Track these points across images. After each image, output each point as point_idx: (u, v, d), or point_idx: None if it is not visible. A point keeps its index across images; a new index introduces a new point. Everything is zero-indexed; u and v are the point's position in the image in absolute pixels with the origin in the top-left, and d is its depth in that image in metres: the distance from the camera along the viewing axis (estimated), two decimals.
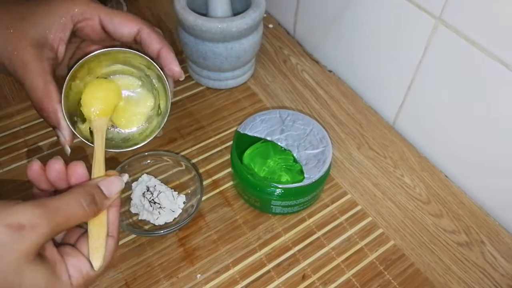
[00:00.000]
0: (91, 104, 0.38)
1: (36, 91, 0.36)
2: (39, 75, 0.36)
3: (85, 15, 0.37)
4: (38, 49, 0.36)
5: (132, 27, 0.38)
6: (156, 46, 0.38)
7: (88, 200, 0.31)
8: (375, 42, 0.59)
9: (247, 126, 0.51)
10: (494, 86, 0.46)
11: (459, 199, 0.53)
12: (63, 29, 0.37)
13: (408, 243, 0.49)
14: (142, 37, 0.38)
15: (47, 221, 0.28)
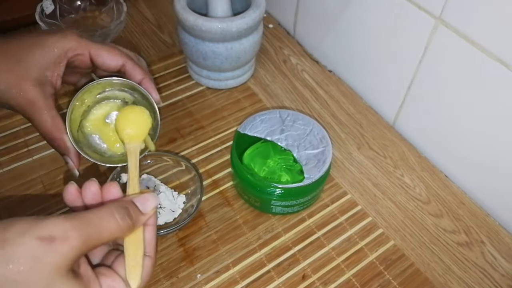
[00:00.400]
0: (125, 128, 0.42)
1: (45, 126, 0.40)
2: (47, 111, 0.40)
3: (77, 51, 0.41)
4: (41, 87, 0.40)
5: (118, 61, 0.43)
6: (139, 77, 0.44)
7: (121, 213, 0.30)
8: (375, 42, 0.59)
9: (247, 126, 0.51)
10: (494, 86, 0.46)
11: (459, 199, 0.53)
12: (59, 65, 0.41)
13: (408, 243, 0.49)
14: (127, 69, 0.43)
15: (78, 233, 0.27)
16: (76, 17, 0.67)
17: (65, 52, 0.41)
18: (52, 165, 0.54)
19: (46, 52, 0.40)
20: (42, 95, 0.39)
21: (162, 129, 0.59)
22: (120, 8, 0.65)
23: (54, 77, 0.41)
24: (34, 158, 0.55)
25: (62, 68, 0.41)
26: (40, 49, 0.40)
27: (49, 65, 0.40)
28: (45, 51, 0.40)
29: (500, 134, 0.48)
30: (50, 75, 0.40)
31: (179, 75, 0.66)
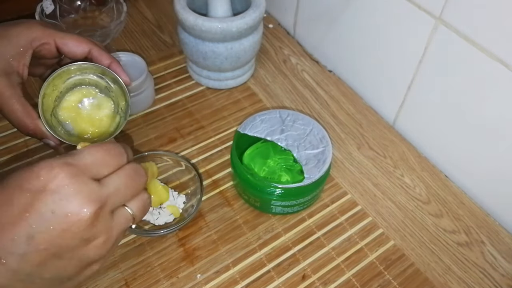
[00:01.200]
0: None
1: (16, 114, 0.41)
2: (16, 100, 0.41)
3: (42, 40, 0.42)
4: (8, 77, 0.40)
5: (84, 48, 0.44)
6: (106, 62, 0.45)
7: None
8: (375, 42, 0.59)
9: (247, 126, 0.51)
10: (494, 86, 0.46)
11: (459, 199, 0.53)
12: (24, 55, 0.42)
13: (408, 243, 0.49)
14: (93, 55, 0.44)
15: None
16: (76, 17, 0.67)
17: (30, 42, 0.41)
18: None
19: (11, 42, 0.41)
20: (9, 85, 0.40)
21: (162, 129, 0.59)
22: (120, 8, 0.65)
23: (20, 66, 0.41)
24: (34, 158, 0.55)
25: (28, 57, 0.42)
26: (5, 40, 0.41)
27: (15, 55, 0.41)
28: (10, 41, 0.41)
29: (500, 134, 0.48)
30: (16, 65, 0.41)
31: (179, 75, 0.66)
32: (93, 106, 0.47)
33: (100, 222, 0.30)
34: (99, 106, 0.47)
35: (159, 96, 0.63)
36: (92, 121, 0.46)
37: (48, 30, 0.43)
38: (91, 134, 0.46)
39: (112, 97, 0.47)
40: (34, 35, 0.42)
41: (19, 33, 0.41)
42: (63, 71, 0.44)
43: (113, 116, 0.47)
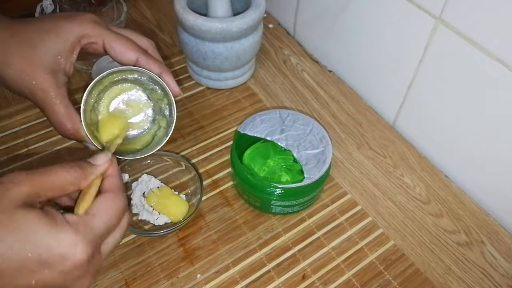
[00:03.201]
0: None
1: (57, 116, 0.39)
2: (59, 101, 0.38)
3: (91, 39, 0.40)
4: (54, 76, 0.38)
5: (131, 56, 0.41)
6: (156, 71, 0.42)
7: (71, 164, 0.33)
8: (375, 42, 0.59)
9: (247, 126, 0.51)
10: (494, 86, 0.46)
11: (459, 199, 0.53)
12: (71, 53, 0.39)
13: (408, 243, 0.49)
14: (141, 64, 0.41)
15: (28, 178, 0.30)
16: None
17: (79, 40, 0.39)
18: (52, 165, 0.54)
19: (61, 39, 0.39)
20: (55, 84, 0.38)
21: None
22: (120, 8, 0.65)
23: (67, 64, 0.39)
24: (34, 158, 0.55)
25: (75, 55, 0.40)
26: (54, 35, 0.38)
27: (63, 53, 0.39)
28: (59, 37, 0.39)
29: (500, 134, 0.48)
30: (63, 63, 0.39)
31: (179, 75, 0.66)
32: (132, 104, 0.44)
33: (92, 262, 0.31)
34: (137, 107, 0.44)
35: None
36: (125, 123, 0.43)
37: (99, 29, 0.40)
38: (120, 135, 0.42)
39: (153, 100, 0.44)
40: (84, 32, 0.39)
41: (70, 29, 0.39)
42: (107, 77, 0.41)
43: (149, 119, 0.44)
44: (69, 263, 0.29)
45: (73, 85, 0.64)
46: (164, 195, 0.49)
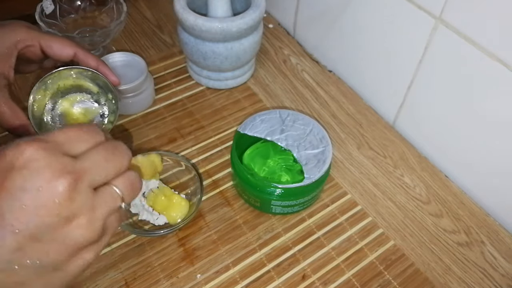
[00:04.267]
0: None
1: (4, 116, 0.41)
2: (3, 102, 0.41)
3: (27, 42, 0.43)
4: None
5: (69, 51, 0.44)
6: (93, 64, 0.46)
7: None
8: (375, 42, 0.59)
9: (247, 126, 0.51)
10: (494, 86, 0.46)
11: (459, 199, 0.53)
12: (9, 57, 0.42)
13: (408, 243, 0.49)
14: (79, 58, 0.45)
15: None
16: (76, 17, 0.67)
17: (15, 44, 0.42)
18: None
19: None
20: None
21: (162, 129, 0.59)
22: (120, 8, 0.65)
23: (6, 68, 0.42)
24: None
25: (13, 59, 0.42)
26: None
27: (1, 58, 0.41)
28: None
29: (500, 134, 0.48)
30: (1, 67, 0.41)
31: (179, 75, 0.66)
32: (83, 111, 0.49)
33: (78, 197, 0.27)
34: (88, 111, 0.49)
35: (159, 96, 0.63)
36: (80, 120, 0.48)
37: (33, 32, 0.43)
38: None
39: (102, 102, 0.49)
40: (19, 37, 0.42)
41: (3, 35, 0.42)
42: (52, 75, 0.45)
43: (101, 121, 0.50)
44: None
45: None
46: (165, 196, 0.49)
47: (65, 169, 0.27)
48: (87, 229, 0.28)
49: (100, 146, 0.30)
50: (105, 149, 0.30)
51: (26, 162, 0.26)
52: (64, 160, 0.27)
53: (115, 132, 0.58)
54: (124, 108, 0.60)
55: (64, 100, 0.47)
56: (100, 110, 0.49)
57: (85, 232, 0.28)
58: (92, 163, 0.29)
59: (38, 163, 0.26)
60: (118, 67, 0.60)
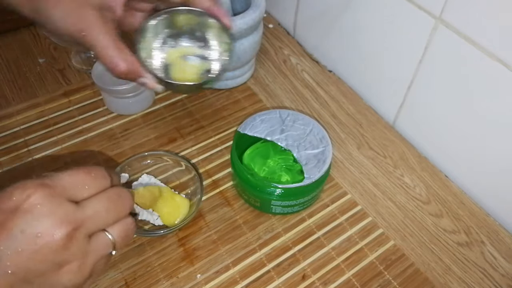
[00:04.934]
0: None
1: (108, 50, 0.37)
2: (108, 35, 0.37)
3: None
4: (100, 12, 0.37)
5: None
6: (205, 5, 0.41)
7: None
8: (375, 42, 0.59)
9: (247, 126, 0.51)
10: (494, 86, 0.46)
11: (459, 199, 0.53)
12: None
13: (408, 243, 0.49)
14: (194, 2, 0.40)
15: None
16: None
17: None
18: (52, 165, 0.54)
19: None
20: (102, 20, 0.36)
21: (162, 129, 0.59)
22: None
23: (116, 3, 0.38)
24: (34, 158, 0.55)
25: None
26: None
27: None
28: None
29: (500, 134, 0.48)
30: (110, 1, 0.38)
31: None
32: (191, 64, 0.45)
33: (74, 245, 0.28)
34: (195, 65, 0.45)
35: (159, 96, 0.63)
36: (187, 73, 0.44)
37: None
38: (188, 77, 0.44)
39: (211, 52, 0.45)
40: None
41: None
42: (164, 16, 0.41)
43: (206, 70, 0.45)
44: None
45: (73, 85, 0.64)
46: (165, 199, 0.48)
47: (66, 218, 0.28)
48: (76, 275, 0.29)
49: (104, 195, 0.31)
50: (108, 198, 0.31)
51: (30, 207, 0.27)
52: (67, 208, 0.28)
53: (117, 132, 0.58)
54: (124, 108, 0.60)
55: (172, 49, 0.44)
56: (207, 65, 0.44)
57: (74, 277, 0.29)
58: (93, 212, 0.30)
59: (42, 209, 0.27)
60: None
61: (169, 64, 0.44)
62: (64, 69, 0.66)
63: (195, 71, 0.44)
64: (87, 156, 0.56)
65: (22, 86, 0.64)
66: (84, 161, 0.55)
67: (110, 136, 0.58)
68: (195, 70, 0.45)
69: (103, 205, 0.30)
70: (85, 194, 0.30)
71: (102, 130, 0.59)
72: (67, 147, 0.57)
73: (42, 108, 0.61)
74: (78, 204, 0.29)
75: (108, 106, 0.61)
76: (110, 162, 0.55)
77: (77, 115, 0.60)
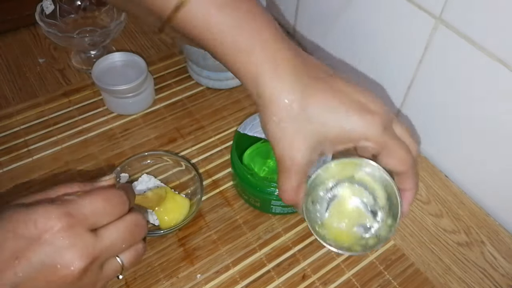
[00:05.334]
0: None
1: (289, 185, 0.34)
2: (300, 177, 0.34)
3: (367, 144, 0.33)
4: (311, 153, 0.33)
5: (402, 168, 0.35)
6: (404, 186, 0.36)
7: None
8: (375, 42, 0.59)
9: (247, 126, 0.51)
10: (494, 86, 0.46)
11: (459, 199, 0.53)
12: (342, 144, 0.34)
13: (408, 243, 0.49)
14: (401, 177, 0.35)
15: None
16: (76, 17, 0.67)
17: (358, 140, 0.33)
18: (52, 165, 0.54)
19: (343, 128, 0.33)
20: (306, 162, 0.33)
21: (162, 129, 0.59)
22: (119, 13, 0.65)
23: (328, 151, 0.34)
24: (34, 158, 0.55)
25: (341, 148, 0.34)
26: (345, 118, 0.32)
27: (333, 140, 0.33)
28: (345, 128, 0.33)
29: (500, 134, 0.48)
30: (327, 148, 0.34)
31: (179, 75, 0.66)
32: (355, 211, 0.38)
33: (88, 276, 0.29)
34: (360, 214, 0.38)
35: (159, 96, 0.63)
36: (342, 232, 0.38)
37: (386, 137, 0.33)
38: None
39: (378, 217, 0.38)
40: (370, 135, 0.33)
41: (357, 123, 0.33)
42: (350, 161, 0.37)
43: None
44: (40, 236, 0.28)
45: (73, 85, 0.64)
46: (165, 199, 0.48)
47: (86, 252, 0.29)
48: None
49: (122, 224, 0.31)
50: (125, 228, 0.31)
51: (53, 239, 0.28)
52: (88, 240, 0.29)
53: (117, 132, 0.58)
54: (124, 108, 0.60)
55: (347, 186, 0.38)
56: (371, 223, 0.38)
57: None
58: (111, 243, 0.30)
59: (63, 242, 0.28)
60: (118, 67, 0.60)
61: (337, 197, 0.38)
62: (64, 69, 0.66)
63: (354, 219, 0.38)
64: (87, 156, 0.56)
65: (22, 86, 0.64)
66: (84, 161, 0.55)
67: (110, 136, 0.58)
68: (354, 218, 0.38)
69: (120, 236, 0.31)
70: (105, 222, 0.31)
71: (102, 130, 0.59)
72: (67, 147, 0.57)
73: (42, 108, 0.61)
74: (96, 234, 0.30)
75: (108, 106, 0.61)
76: (110, 162, 0.55)
77: (77, 115, 0.60)
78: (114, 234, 0.31)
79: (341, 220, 0.38)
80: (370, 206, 0.38)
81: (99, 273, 0.30)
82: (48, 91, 0.63)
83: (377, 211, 0.38)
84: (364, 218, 0.38)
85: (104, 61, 0.60)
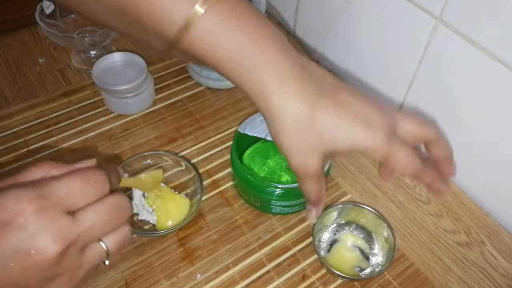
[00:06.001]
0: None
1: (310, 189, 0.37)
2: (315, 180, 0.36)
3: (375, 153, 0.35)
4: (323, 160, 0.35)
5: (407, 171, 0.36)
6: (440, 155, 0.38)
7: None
8: (375, 42, 0.59)
9: (247, 126, 0.51)
10: (494, 86, 0.46)
11: (459, 199, 0.53)
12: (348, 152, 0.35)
13: (408, 243, 0.49)
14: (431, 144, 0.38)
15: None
16: (76, 17, 0.67)
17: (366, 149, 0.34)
18: None
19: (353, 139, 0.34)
20: (319, 168, 0.35)
21: (162, 129, 0.59)
22: None
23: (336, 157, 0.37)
24: (34, 158, 0.55)
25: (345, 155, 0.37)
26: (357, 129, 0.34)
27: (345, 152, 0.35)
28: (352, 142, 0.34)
29: (500, 134, 0.48)
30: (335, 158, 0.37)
31: (179, 75, 0.66)
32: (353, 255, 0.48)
33: (66, 260, 0.27)
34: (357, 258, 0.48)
35: (159, 96, 0.63)
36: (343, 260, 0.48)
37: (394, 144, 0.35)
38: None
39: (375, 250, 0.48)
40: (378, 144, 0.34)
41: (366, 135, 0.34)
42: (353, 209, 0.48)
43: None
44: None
45: (73, 85, 0.64)
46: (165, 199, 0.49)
47: (61, 235, 0.27)
48: (67, 286, 0.29)
49: (103, 206, 0.29)
50: (106, 209, 0.29)
51: (25, 222, 0.26)
52: (62, 223, 0.27)
53: (117, 132, 0.58)
54: (124, 108, 0.60)
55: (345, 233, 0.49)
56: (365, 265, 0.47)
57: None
58: (89, 226, 0.28)
59: (36, 226, 0.26)
60: (118, 67, 0.60)
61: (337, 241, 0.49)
62: (64, 69, 0.66)
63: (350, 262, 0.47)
64: (87, 156, 0.56)
65: (22, 86, 0.64)
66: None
67: (110, 136, 0.58)
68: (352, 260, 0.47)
69: (100, 218, 0.29)
70: (83, 203, 0.29)
71: (102, 130, 0.59)
72: (67, 147, 0.57)
73: (42, 108, 0.61)
74: (74, 217, 0.28)
75: (108, 106, 0.61)
76: (110, 162, 0.55)
77: (77, 115, 0.60)
78: (93, 217, 0.29)
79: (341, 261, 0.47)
80: (366, 253, 0.48)
81: (79, 258, 0.28)
82: (48, 91, 0.63)
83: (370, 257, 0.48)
84: (360, 262, 0.47)
85: (104, 61, 0.60)
